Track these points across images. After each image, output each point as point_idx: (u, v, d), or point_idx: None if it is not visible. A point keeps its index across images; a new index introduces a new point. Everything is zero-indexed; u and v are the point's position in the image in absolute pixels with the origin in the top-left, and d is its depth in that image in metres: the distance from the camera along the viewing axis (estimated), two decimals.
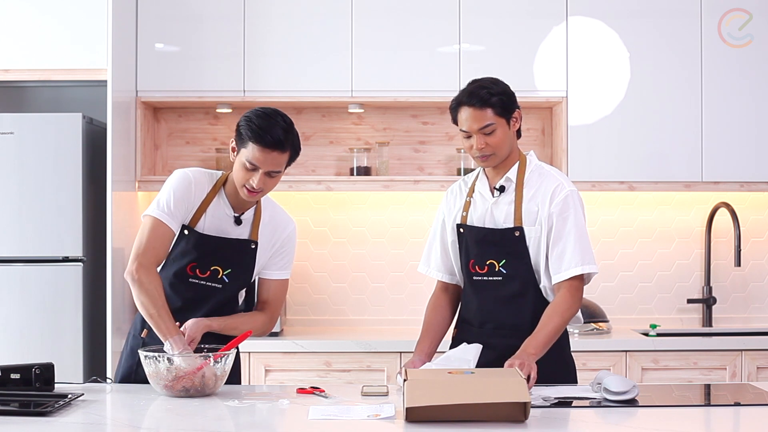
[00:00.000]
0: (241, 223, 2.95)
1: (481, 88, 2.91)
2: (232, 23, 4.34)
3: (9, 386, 2.66)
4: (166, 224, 2.86)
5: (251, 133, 2.78)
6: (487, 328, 2.99)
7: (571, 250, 2.91)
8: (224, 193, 2.94)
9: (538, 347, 2.82)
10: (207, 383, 2.67)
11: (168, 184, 2.91)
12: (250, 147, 2.79)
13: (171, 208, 2.86)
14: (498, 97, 2.90)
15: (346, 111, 4.60)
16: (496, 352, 2.90)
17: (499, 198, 2.99)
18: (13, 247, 3.98)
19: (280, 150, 2.79)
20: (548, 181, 2.97)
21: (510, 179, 2.99)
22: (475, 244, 3.00)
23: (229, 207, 2.94)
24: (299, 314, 4.61)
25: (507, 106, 2.92)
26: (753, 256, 4.65)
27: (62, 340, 3.95)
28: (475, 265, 3.00)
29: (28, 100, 4.55)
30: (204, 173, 2.96)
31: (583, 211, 2.99)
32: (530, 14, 4.36)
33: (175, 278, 2.93)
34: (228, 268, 2.93)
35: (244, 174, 2.82)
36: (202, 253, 2.91)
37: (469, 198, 3.05)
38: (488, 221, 2.99)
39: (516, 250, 2.95)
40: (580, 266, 2.91)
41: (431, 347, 3.08)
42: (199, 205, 2.91)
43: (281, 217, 3.04)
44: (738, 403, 2.69)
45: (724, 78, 4.34)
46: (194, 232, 2.90)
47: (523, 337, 2.90)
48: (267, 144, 2.77)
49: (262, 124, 2.78)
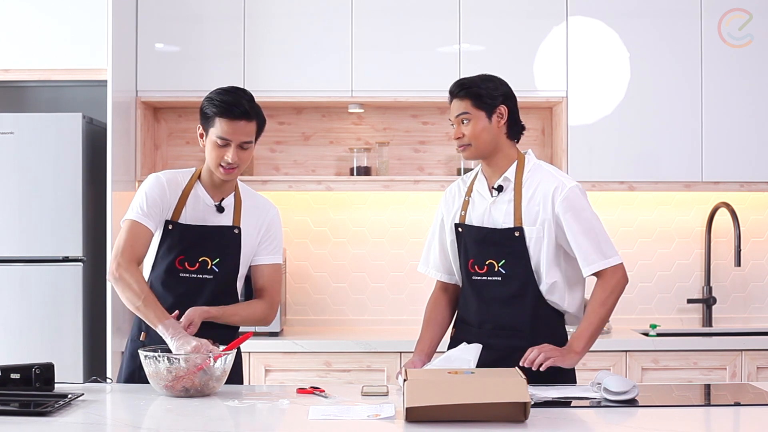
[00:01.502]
0: (223, 211, 2.99)
1: (465, 80, 2.99)
2: (232, 23, 4.34)
3: (9, 386, 2.65)
4: (142, 223, 2.91)
5: (216, 108, 2.86)
6: (486, 329, 2.99)
7: (588, 246, 2.91)
8: (201, 184, 3.00)
9: (581, 344, 2.88)
10: (207, 383, 2.67)
11: (140, 189, 2.98)
12: (217, 123, 2.86)
13: (144, 209, 2.92)
14: (476, 89, 2.94)
15: (346, 111, 4.61)
16: (495, 352, 2.91)
17: (498, 197, 2.99)
18: (13, 247, 3.98)
19: (246, 119, 2.87)
20: (548, 180, 2.97)
21: (508, 179, 2.99)
22: (475, 244, 3.00)
23: (209, 196, 2.98)
24: (299, 314, 4.62)
25: (485, 99, 2.94)
26: (753, 256, 4.65)
27: (62, 340, 3.95)
28: (474, 264, 3.00)
29: (28, 100, 4.55)
30: (176, 172, 3.04)
31: (588, 202, 2.98)
32: (530, 14, 4.36)
33: (166, 275, 2.95)
34: (216, 258, 2.96)
35: (217, 152, 2.89)
36: (188, 245, 2.94)
37: (468, 197, 3.05)
38: (487, 221, 2.99)
39: (515, 251, 2.95)
40: (602, 261, 2.92)
41: (431, 347, 3.08)
42: (178, 201, 2.96)
43: (262, 202, 3.09)
44: (738, 403, 2.69)
45: (724, 78, 4.34)
46: (177, 225, 2.95)
47: (522, 338, 2.92)
48: (234, 115, 2.85)
49: (225, 99, 2.87)
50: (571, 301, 3.00)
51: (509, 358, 2.85)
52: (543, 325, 2.96)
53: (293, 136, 4.64)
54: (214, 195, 2.99)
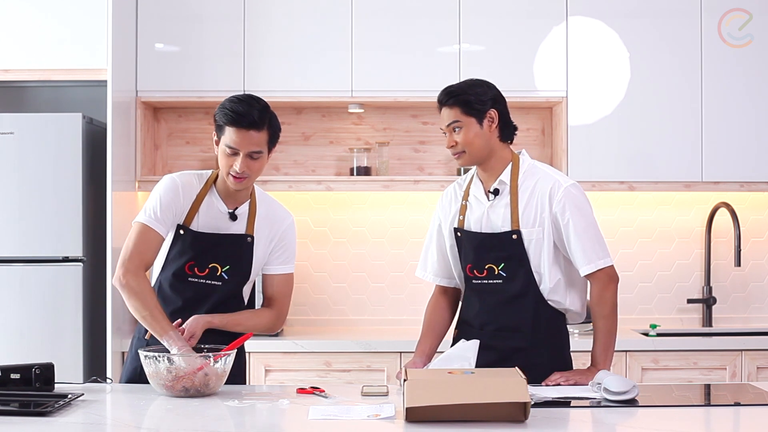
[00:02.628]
0: (236, 219, 2.95)
1: (452, 88, 2.97)
2: (232, 23, 4.34)
3: (9, 386, 2.65)
4: (153, 229, 2.87)
5: (226, 117, 2.83)
6: (488, 330, 2.99)
7: (582, 247, 2.91)
8: (215, 190, 2.95)
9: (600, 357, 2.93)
10: (207, 383, 2.67)
11: (155, 190, 2.94)
12: (227, 131, 2.83)
13: (158, 213, 2.88)
14: (464, 96, 2.92)
15: (346, 111, 4.60)
16: (497, 353, 2.91)
17: (495, 201, 2.98)
18: (13, 247, 3.98)
19: (255, 129, 2.83)
20: (544, 180, 2.96)
21: (504, 182, 2.98)
22: (473, 249, 3.00)
23: (222, 203, 2.95)
24: (299, 314, 4.61)
25: (474, 105, 2.92)
26: (753, 256, 4.65)
27: (62, 340, 3.95)
28: (474, 269, 3.00)
29: (28, 100, 4.55)
30: (192, 175, 2.98)
31: (587, 201, 2.98)
32: (530, 14, 4.36)
33: (174, 278, 2.94)
34: (226, 265, 2.93)
35: (227, 160, 2.85)
36: (199, 251, 2.92)
37: (465, 202, 3.05)
38: (485, 225, 2.99)
39: (514, 254, 2.95)
40: (594, 262, 2.92)
41: (431, 348, 3.08)
42: (192, 205, 2.92)
43: (278, 211, 3.05)
44: (738, 403, 2.69)
45: (724, 78, 4.34)
46: (189, 231, 2.91)
47: (524, 339, 2.94)
48: (242, 124, 2.81)
49: (235, 108, 2.83)
50: (573, 299, 3.00)
51: (511, 358, 2.86)
52: (545, 326, 2.97)
53: (293, 136, 4.64)
54: (228, 202, 2.95)
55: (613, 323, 2.96)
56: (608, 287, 2.95)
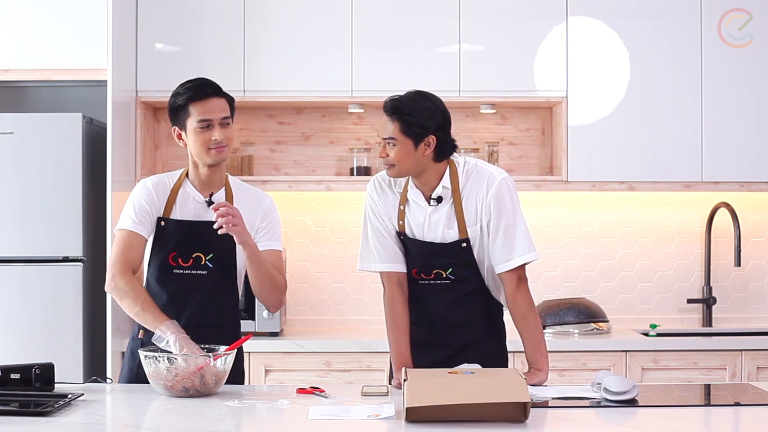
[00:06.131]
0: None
1: (400, 102, 2.87)
2: (232, 23, 4.34)
3: (9, 386, 2.66)
4: (133, 231, 2.92)
5: (187, 96, 2.89)
6: (439, 328, 3.01)
7: (510, 241, 2.89)
8: (188, 182, 2.99)
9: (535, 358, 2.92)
10: (207, 383, 2.67)
11: (129, 198, 2.99)
12: (192, 110, 2.89)
13: (133, 216, 2.93)
14: (407, 117, 2.83)
15: (346, 111, 4.60)
16: (451, 348, 2.96)
17: (437, 207, 2.94)
18: (13, 247, 3.98)
19: (217, 96, 2.91)
20: (479, 176, 2.92)
21: (446, 187, 2.93)
22: (420, 256, 2.97)
23: (198, 193, 2.98)
24: (299, 314, 4.61)
25: (414, 128, 2.83)
26: (753, 256, 4.65)
27: (62, 340, 3.95)
28: (420, 273, 2.99)
29: (28, 100, 4.55)
30: (163, 175, 3.05)
31: (516, 196, 2.94)
32: (530, 14, 4.36)
33: (160, 272, 2.96)
34: (210, 253, 2.95)
35: (202, 136, 2.89)
36: (181, 240, 2.94)
37: (403, 207, 2.98)
38: (428, 231, 2.94)
39: (463, 260, 2.95)
40: (521, 256, 2.89)
41: (408, 348, 3.00)
42: (167, 200, 2.96)
43: (256, 194, 3.08)
44: (738, 403, 2.69)
45: (724, 78, 4.34)
46: (169, 221, 2.95)
47: (474, 332, 2.98)
48: (205, 94, 2.89)
49: (190, 86, 2.91)
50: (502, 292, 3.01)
51: (464, 352, 2.92)
52: (492, 318, 3.03)
53: (293, 136, 4.64)
54: (204, 190, 2.98)
55: (535, 320, 2.94)
56: (519, 286, 2.93)
